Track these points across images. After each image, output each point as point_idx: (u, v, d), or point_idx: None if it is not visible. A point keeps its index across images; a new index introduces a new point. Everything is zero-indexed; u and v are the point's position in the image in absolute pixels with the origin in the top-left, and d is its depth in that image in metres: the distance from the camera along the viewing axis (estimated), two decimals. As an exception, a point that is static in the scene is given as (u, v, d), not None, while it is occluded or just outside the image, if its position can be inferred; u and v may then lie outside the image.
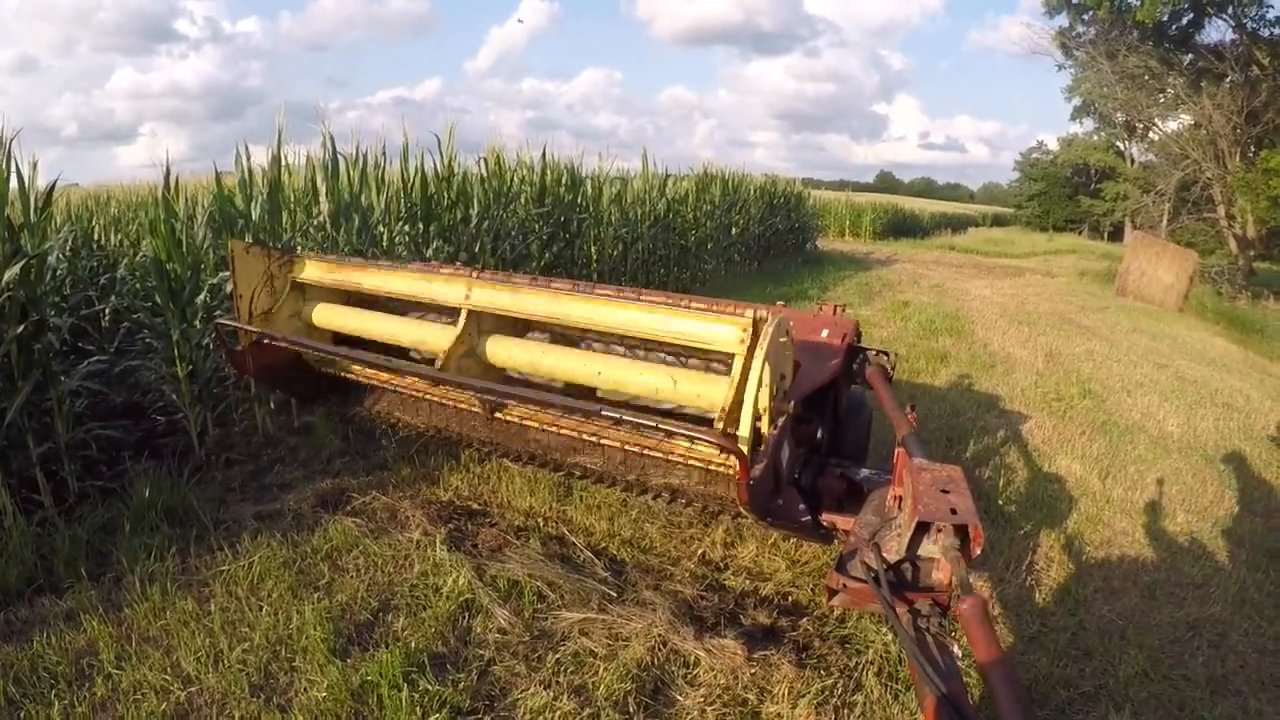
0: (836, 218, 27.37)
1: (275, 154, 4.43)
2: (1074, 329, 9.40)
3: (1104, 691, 2.43)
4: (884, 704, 2.29)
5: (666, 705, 2.26)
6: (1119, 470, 4.33)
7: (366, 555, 2.98)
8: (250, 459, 3.95)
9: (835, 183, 39.57)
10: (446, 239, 5.81)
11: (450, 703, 2.20)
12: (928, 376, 6.34)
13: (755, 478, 2.20)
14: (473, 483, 3.69)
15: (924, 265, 17.97)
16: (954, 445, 4.51)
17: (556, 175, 7.80)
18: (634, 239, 9.51)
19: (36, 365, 3.18)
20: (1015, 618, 2.81)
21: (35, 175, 3.25)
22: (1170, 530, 3.64)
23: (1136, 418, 5.48)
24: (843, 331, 3.32)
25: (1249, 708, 2.42)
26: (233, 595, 2.69)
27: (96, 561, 2.89)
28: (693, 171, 12.19)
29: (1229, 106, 18.36)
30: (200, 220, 4.09)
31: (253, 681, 2.28)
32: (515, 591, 2.77)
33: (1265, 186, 15.63)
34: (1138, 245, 15.40)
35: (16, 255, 3.08)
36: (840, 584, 1.80)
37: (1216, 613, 2.91)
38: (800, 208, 17.16)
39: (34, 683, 2.25)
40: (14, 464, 3.15)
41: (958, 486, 1.70)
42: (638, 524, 3.34)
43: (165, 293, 3.75)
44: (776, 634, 2.62)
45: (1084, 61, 22.80)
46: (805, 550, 3.16)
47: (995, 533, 3.36)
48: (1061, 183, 46.58)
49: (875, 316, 9.28)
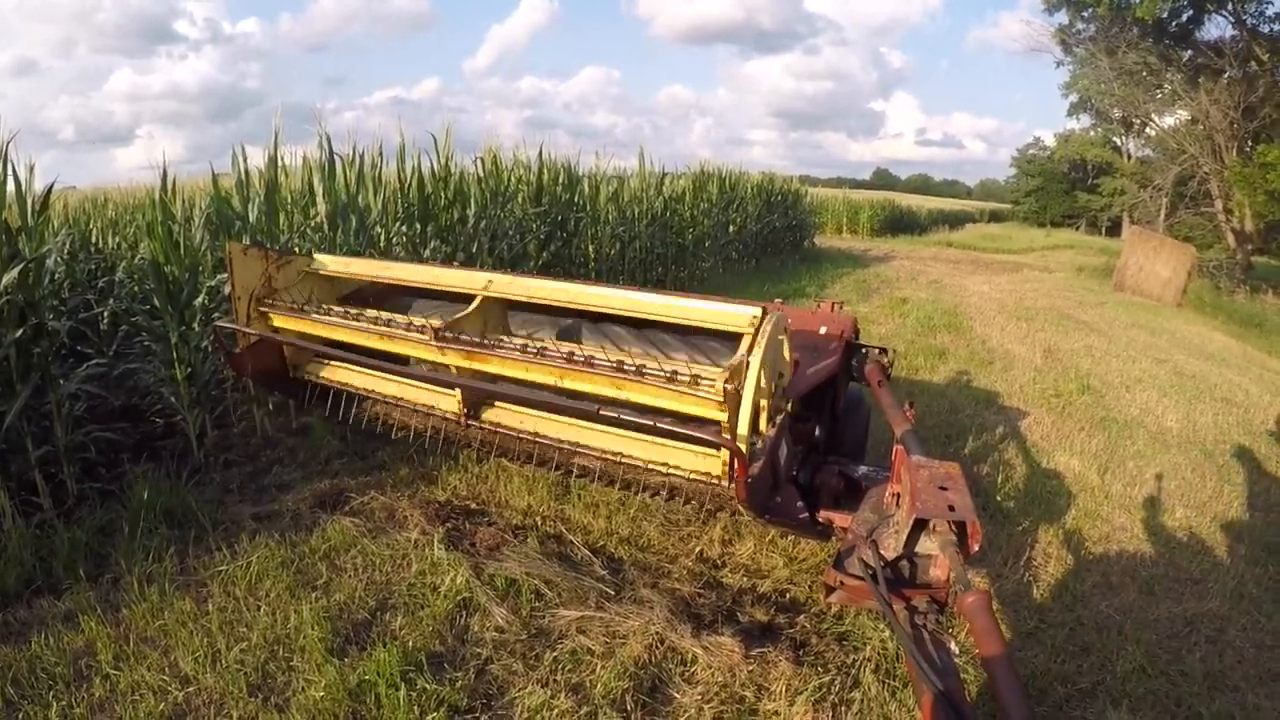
0: (834, 215, 27.39)
1: (272, 155, 4.43)
2: (1072, 324, 9.40)
3: (1101, 687, 2.43)
4: (881, 701, 2.29)
5: (664, 703, 2.26)
6: (1117, 466, 4.33)
7: (364, 555, 2.98)
8: (248, 460, 3.95)
9: (832, 180, 39.63)
10: (444, 239, 5.82)
11: (448, 701, 2.20)
12: (926, 373, 6.34)
13: (754, 475, 2.20)
14: (470, 482, 3.69)
15: (922, 262, 17.97)
16: (952, 442, 4.51)
17: (554, 174, 7.81)
18: (631, 238, 9.52)
19: (35, 369, 3.18)
20: (1013, 613, 2.81)
21: (33, 178, 3.25)
22: (1168, 525, 3.64)
23: (1135, 413, 5.48)
24: (841, 328, 3.33)
25: (1246, 703, 2.42)
26: (231, 595, 2.70)
27: (95, 563, 2.90)
28: (690, 170, 12.22)
29: (1226, 102, 18.37)
30: (198, 222, 4.09)
31: (251, 681, 2.28)
32: (513, 590, 2.77)
33: (1262, 181, 15.63)
34: (1135, 240, 15.41)
35: (14, 259, 3.08)
36: (838, 581, 1.81)
37: (1214, 608, 2.91)
38: (797, 205, 17.17)
39: (32, 684, 2.25)
40: (13, 466, 3.15)
41: (956, 483, 1.70)
42: (635, 522, 3.34)
43: (163, 295, 3.75)
44: (774, 631, 2.63)
45: (1083, 58, 22.82)
46: (803, 548, 3.16)
47: (993, 529, 3.36)
48: (1059, 178, 46.59)
49: (873, 313, 9.28)
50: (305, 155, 4.87)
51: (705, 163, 12.57)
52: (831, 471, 2.85)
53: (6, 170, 3.16)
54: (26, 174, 3.21)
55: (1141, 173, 25.94)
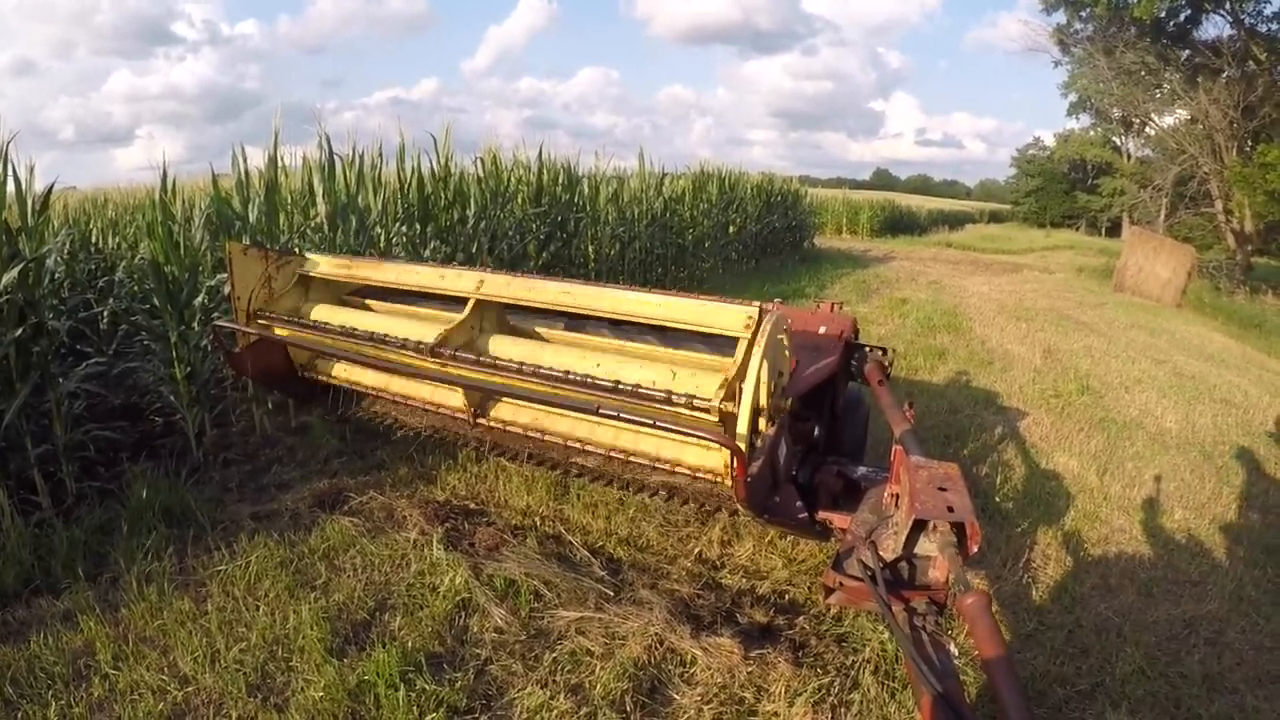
0: (834, 215, 27.40)
1: (272, 155, 4.42)
2: (1072, 325, 9.40)
3: (1101, 689, 2.44)
4: (880, 702, 2.29)
5: (663, 704, 2.26)
6: (1117, 467, 4.33)
7: (363, 555, 2.98)
8: (248, 459, 3.95)
9: (832, 180, 39.62)
10: (444, 239, 5.81)
11: (447, 702, 2.20)
12: (925, 373, 6.34)
13: (753, 475, 2.20)
14: (470, 482, 3.69)
15: (921, 262, 17.98)
16: (951, 442, 4.51)
17: (553, 175, 7.80)
18: (631, 238, 9.52)
19: (35, 367, 3.18)
20: (1012, 615, 2.81)
21: (33, 178, 3.25)
22: (1168, 527, 3.64)
23: (1134, 414, 5.48)
24: (840, 328, 3.33)
25: (1246, 705, 2.42)
26: (230, 595, 2.70)
27: (94, 562, 2.90)
28: (690, 170, 12.22)
29: (1225, 101, 18.39)
30: (197, 222, 4.09)
31: (250, 681, 2.28)
32: (512, 591, 2.77)
33: (1262, 181, 15.65)
34: (1135, 240, 15.41)
35: (15, 259, 3.08)
36: (837, 582, 1.81)
37: (1213, 610, 2.91)
38: (797, 205, 17.16)
39: (31, 683, 2.25)
40: (12, 465, 3.15)
41: (955, 484, 1.70)
42: (634, 523, 3.34)
43: (163, 295, 3.75)
44: (773, 632, 2.62)
45: (1081, 58, 22.84)
46: (802, 549, 3.16)
47: (992, 530, 3.36)
48: (1058, 179, 46.64)
49: (873, 314, 9.28)
50: (305, 155, 4.87)
51: (705, 163, 12.60)
52: (830, 471, 2.85)
53: (7, 170, 3.16)
54: (27, 174, 3.21)
55: (1141, 173, 25.97)
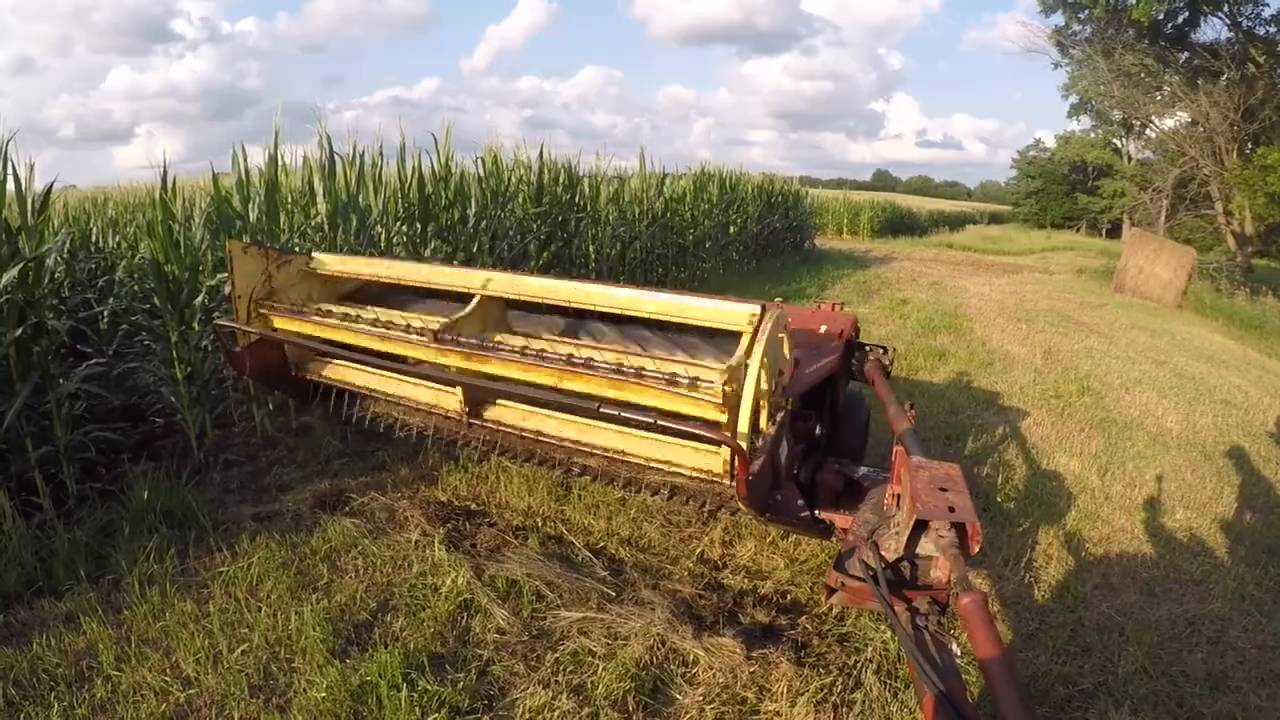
0: (834, 216, 27.37)
1: (272, 154, 4.42)
2: (1072, 326, 9.40)
3: (1103, 688, 2.43)
4: (883, 702, 2.29)
5: (665, 704, 2.26)
6: (1118, 467, 4.33)
7: (365, 556, 2.98)
8: (249, 460, 3.95)
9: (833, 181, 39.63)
10: (444, 239, 5.81)
11: (449, 702, 2.20)
12: (926, 374, 6.34)
13: (754, 473, 2.20)
14: (471, 482, 3.69)
15: (922, 263, 17.97)
16: (952, 443, 4.51)
17: (554, 174, 7.80)
18: (632, 238, 9.52)
19: (35, 368, 3.17)
20: (1014, 615, 2.81)
21: (32, 177, 3.24)
22: (1169, 527, 3.64)
23: (1135, 414, 5.48)
24: (841, 327, 3.33)
25: (1248, 704, 2.42)
26: (231, 596, 2.69)
27: (95, 564, 2.89)
28: (690, 170, 12.21)
29: (1225, 104, 18.41)
30: (198, 221, 4.08)
31: (252, 682, 2.28)
32: (514, 591, 2.77)
33: (1262, 183, 15.67)
34: (1136, 242, 15.40)
35: (14, 258, 3.07)
36: (839, 582, 1.81)
37: (1215, 609, 2.92)
38: (798, 206, 17.16)
39: (33, 685, 2.25)
40: (13, 466, 3.15)
41: (956, 484, 1.70)
42: (636, 523, 3.34)
43: (163, 294, 3.74)
44: (775, 632, 2.63)
45: (1080, 60, 22.86)
46: (804, 549, 3.16)
47: (994, 530, 3.36)
48: (1059, 180, 46.66)
49: (874, 314, 9.28)
50: (305, 154, 4.88)
51: (705, 163, 12.59)
52: (831, 471, 2.85)
53: (6, 169, 3.15)
54: (26, 173, 3.20)
55: (1142, 175, 25.98)
